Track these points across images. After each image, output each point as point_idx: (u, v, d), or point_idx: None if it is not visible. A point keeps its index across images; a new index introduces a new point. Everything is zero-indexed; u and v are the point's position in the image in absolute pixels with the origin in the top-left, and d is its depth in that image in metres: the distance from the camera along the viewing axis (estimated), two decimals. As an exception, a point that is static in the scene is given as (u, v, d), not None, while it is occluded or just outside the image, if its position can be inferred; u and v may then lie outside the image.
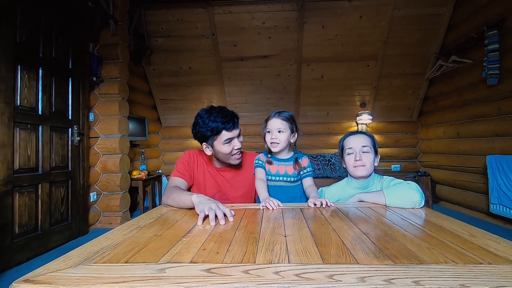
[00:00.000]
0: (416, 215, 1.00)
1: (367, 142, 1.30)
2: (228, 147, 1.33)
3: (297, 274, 0.54)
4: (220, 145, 1.32)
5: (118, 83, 3.14)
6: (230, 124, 1.30)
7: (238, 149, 1.37)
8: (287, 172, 1.37)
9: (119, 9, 3.16)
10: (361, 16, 3.88)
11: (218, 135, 1.31)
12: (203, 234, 0.79)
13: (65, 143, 2.65)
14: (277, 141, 1.33)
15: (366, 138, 1.32)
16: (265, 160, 1.39)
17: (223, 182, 1.46)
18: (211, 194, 1.41)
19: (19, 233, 2.16)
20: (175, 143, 5.09)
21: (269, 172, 1.38)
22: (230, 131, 1.31)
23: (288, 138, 1.35)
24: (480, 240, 0.73)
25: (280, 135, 1.33)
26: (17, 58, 2.16)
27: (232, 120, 1.32)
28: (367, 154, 1.28)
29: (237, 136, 1.36)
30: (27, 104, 2.25)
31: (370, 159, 1.28)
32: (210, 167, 1.47)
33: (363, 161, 1.27)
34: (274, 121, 1.34)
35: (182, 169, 1.41)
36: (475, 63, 3.31)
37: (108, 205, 3.13)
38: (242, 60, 4.34)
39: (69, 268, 0.59)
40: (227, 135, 1.31)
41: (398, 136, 4.79)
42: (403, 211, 1.05)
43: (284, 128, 1.33)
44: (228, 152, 1.34)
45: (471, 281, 0.50)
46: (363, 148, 1.28)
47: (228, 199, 1.45)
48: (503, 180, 2.83)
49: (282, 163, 1.39)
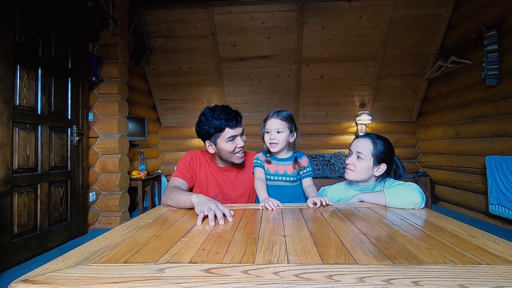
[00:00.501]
0: (415, 215, 1.00)
1: (365, 149, 1.25)
2: (231, 145, 1.34)
3: (296, 274, 0.54)
4: (224, 143, 1.33)
5: (117, 83, 3.14)
6: (233, 121, 1.31)
7: (241, 147, 1.37)
8: (286, 172, 1.37)
9: (118, 9, 3.16)
10: (361, 17, 3.88)
11: (221, 133, 1.32)
12: (202, 234, 0.79)
13: (64, 143, 2.65)
14: (276, 141, 1.32)
15: (366, 143, 1.27)
16: (264, 159, 1.39)
17: (225, 182, 1.46)
18: (213, 194, 1.41)
19: (18, 233, 2.16)
20: (174, 143, 5.09)
21: (268, 172, 1.38)
22: (233, 128, 1.32)
23: (287, 138, 1.34)
24: (479, 240, 0.73)
25: (279, 135, 1.32)
26: (16, 58, 2.15)
27: (235, 118, 1.33)
28: (360, 161, 1.25)
29: (240, 134, 1.36)
30: (26, 104, 2.25)
31: (361, 166, 1.24)
32: (212, 168, 1.47)
33: (354, 166, 1.26)
34: (273, 121, 1.34)
35: (183, 169, 1.40)
36: (474, 64, 3.32)
37: (107, 205, 3.13)
38: (242, 60, 4.34)
39: (68, 268, 0.59)
40: (230, 132, 1.31)
41: (398, 137, 4.79)
42: (402, 212, 1.05)
43: (283, 128, 1.32)
44: (231, 150, 1.34)
45: (470, 282, 0.51)
46: (358, 153, 1.26)
47: (230, 199, 1.45)
48: (502, 181, 2.83)
49: (281, 162, 1.38)
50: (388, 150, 1.26)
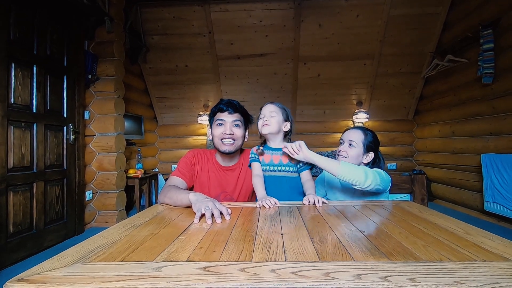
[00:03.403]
0: (412, 213, 1.00)
1: (356, 138, 1.36)
2: (218, 129, 1.37)
3: (293, 272, 0.54)
4: (214, 126, 1.39)
5: (113, 81, 3.12)
6: (226, 107, 1.36)
7: (229, 134, 1.35)
8: (281, 162, 1.35)
9: (114, 7, 3.14)
10: (358, 15, 3.89)
11: (214, 116, 1.39)
12: (199, 233, 0.79)
13: (60, 142, 2.63)
14: (268, 123, 1.33)
15: (358, 133, 1.38)
16: (257, 151, 1.37)
17: (227, 181, 1.45)
18: (215, 194, 1.41)
19: (13, 232, 2.14)
20: (171, 141, 5.07)
21: (264, 163, 1.36)
22: (223, 112, 1.36)
23: (279, 123, 1.33)
24: (474, 237, 0.73)
25: (272, 118, 1.33)
26: (10, 56, 2.13)
27: (229, 105, 1.37)
28: (352, 148, 1.35)
29: (232, 123, 1.37)
30: (21, 102, 2.23)
31: (353, 153, 1.35)
32: (214, 167, 1.46)
33: (346, 152, 1.36)
34: (268, 107, 1.37)
35: (183, 169, 1.40)
36: (470, 62, 3.34)
37: (104, 203, 3.11)
38: (239, 58, 4.33)
39: (64, 267, 0.58)
40: (219, 115, 1.37)
41: (394, 135, 4.82)
42: (398, 209, 1.05)
43: (277, 112, 1.34)
44: (217, 135, 1.36)
45: (466, 278, 0.51)
46: (350, 141, 1.36)
47: (232, 198, 1.44)
48: (497, 179, 2.86)
49: (276, 152, 1.36)
50: (376, 141, 1.40)
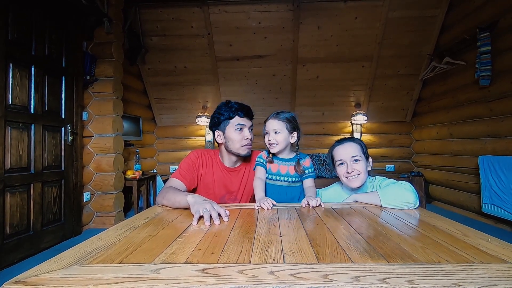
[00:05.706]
0: (410, 215, 1.01)
1: (357, 151, 1.26)
2: (239, 134, 1.35)
3: (292, 274, 0.54)
4: (232, 131, 1.35)
5: (112, 82, 3.11)
6: (243, 111, 1.36)
7: (249, 139, 1.37)
8: (288, 172, 1.36)
9: (113, 7, 3.13)
10: (356, 17, 3.90)
11: (230, 120, 1.36)
12: (198, 234, 0.79)
13: (58, 142, 2.62)
14: (275, 142, 1.33)
15: (355, 147, 1.29)
16: (266, 158, 1.39)
17: (232, 182, 1.44)
18: (220, 195, 1.40)
19: (10, 234, 2.13)
20: (170, 142, 5.06)
21: (270, 171, 1.37)
22: (242, 117, 1.36)
23: (285, 139, 1.34)
24: (472, 239, 0.74)
25: (277, 136, 1.33)
26: (8, 56, 2.12)
27: (246, 109, 1.38)
28: (359, 163, 1.25)
29: (249, 129, 1.38)
30: (19, 102, 2.22)
31: (362, 167, 1.25)
32: (219, 168, 1.44)
33: (356, 171, 1.24)
34: (271, 123, 1.35)
35: (184, 171, 1.36)
36: (468, 65, 3.36)
37: (102, 205, 3.10)
38: (238, 60, 4.33)
39: (62, 269, 0.58)
40: (239, 120, 1.35)
41: (392, 137, 4.83)
42: (396, 211, 1.05)
43: (281, 129, 1.33)
44: (239, 140, 1.35)
45: (464, 280, 0.51)
46: (353, 158, 1.25)
47: (236, 199, 1.44)
48: (494, 180, 2.87)
49: (284, 163, 1.38)
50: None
